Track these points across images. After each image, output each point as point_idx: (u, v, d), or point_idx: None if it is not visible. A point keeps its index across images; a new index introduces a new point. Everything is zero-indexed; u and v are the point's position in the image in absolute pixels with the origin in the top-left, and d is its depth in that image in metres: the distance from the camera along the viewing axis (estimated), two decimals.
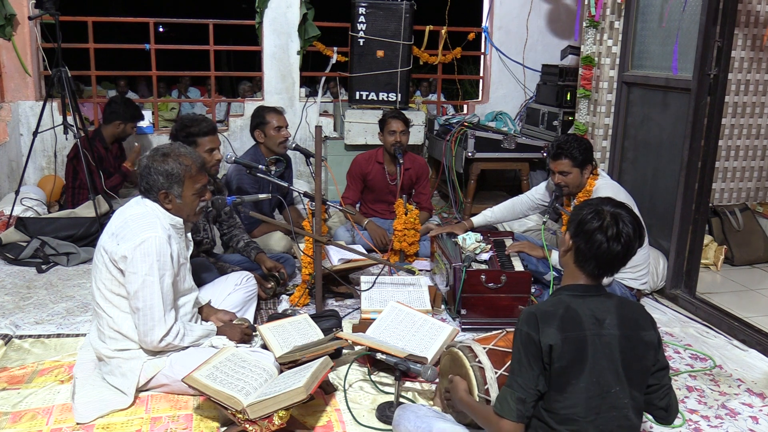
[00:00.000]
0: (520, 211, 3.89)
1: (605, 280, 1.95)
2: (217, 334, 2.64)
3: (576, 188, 3.46)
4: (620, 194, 3.41)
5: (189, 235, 2.67)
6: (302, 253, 3.38)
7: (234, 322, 2.77)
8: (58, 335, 3.03)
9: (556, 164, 3.40)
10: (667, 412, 1.90)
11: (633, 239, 1.84)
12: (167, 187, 2.47)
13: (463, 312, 3.21)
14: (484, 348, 2.19)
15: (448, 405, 2.23)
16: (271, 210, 4.24)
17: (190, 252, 2.68)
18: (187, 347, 2.51)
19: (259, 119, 4.03)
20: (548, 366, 1.78)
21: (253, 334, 2.85)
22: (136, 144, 4.87)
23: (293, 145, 3.87)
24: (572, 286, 1.89)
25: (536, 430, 1.85)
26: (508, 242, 3.72)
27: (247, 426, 2.13)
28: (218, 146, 3.31)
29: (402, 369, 2.41)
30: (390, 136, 4.25)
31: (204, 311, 2.78)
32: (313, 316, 2.94)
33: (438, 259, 3.64)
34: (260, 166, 3.50)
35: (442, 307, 3.43)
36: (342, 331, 2.89)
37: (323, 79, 6.12)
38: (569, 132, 4.72)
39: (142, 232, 2.37)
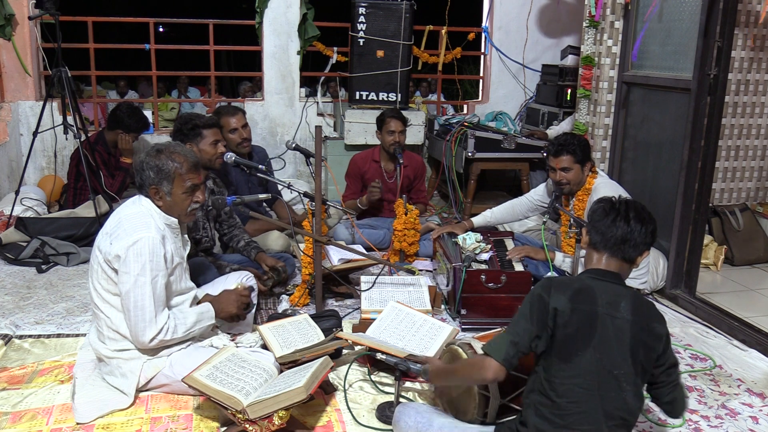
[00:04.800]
0: (520, 212, 3.91)
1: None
2: (213, 305, 2.61)
3: (576, 186, 3.46)
4: (618, 193, 3.41)
5: (185, 235, 2.67)
6: (302, 253, 3.38)
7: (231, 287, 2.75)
8: (58, 335, 3.03)
9: (557, 161, 3.41)
10: (672, 406, 1.95)
11: (639, 223, 1.93)
12: (157, 182, 2.46)
13: (463, 312, 3.21)
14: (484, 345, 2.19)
15: (437, 396, 2.25)
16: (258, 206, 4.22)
17: (187, 251, 2.67)
18: (186, 340, 2.50)
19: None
20: (552, 331, 1.83)
21: (252, 296, 2.83)
22: (122, 135, 4.58)
23: (293, 145, 3.87)
24: (592, 270, 1.97)
25: (535, 407, 1.87)
26: (508, 242, 3.72)
27: (247, 426, 2.13)
28: (221, 139, 3.40)
29: (402, 369, 2.41)
30: (389, 135, 4.27)
31: (201, 301, 2.76)
32: (313, 316, 2.94)
33: (440, 259, 3.64)
34: (261, 166, 3.50)
35: (442, 307, 3.43)
36: (342, 331, 2.88)
37: (322, 79, 6.12)
38: (567, 132, 4.73)
39: (135, 232, 2.37)
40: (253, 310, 3.07)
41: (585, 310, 1.84)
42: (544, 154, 3.67)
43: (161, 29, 14.26)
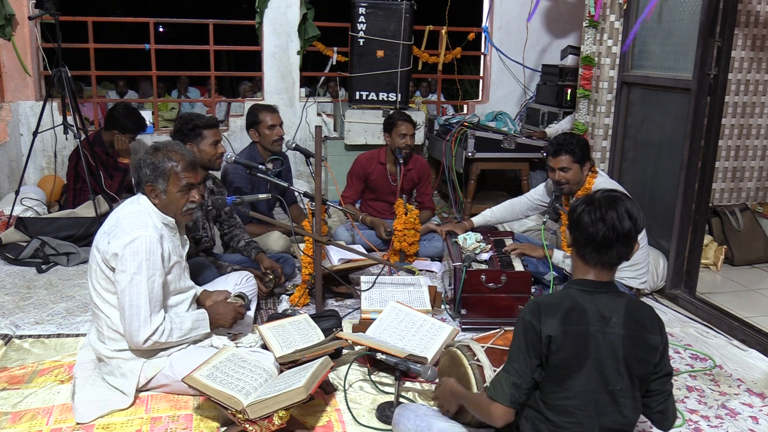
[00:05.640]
0: (520, 212, 3.91)
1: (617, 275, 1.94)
2: (209, 314, 2.61)
3: (576, 185, 3.46)
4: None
5: (184, 235, 2.66)
6: (302, 253, 3.38)
7: (228, 299, 2.75)
8: (58, 335, 3.03)
9: (556, 161, 3.41)
10: (663, 416, 1.91)
11: (618, 221, 1.80)
12: (153, 180, 2.46)
13: (463, 312, 3.21)
14: (483, 347, 2.19)
15: (441, 409, 2.20)
16: (268, 209, 4.25)
17: (186, 250, 2.67)
18: (182, 344, 2.50)
19: (253, 118, 4.06)
20: (546, 357, 1.79)
21: (251, 295, 2.85)
22: (118, 136, 4.58)
23: (293, 145, 3.87)
24: (581, 281, 1.89)
25: (532, 421, 1.87)
26: (509, 242, 3.72)
27: (247, 426, 2.13)
28: (221, 139, 3.39)
29: (402, 369, 2.41)
30: (400, 138, 4.23)
31: (200, 298, 2.76)
32: (313, 316, 2.94)
33: (447, 259, 3.64)
34: (260, 166, 3.50)
35: (443, 306, 3.43)
36: (342, 331, 2.89)
37: (322, 79, 6.12)
38: (566, 131, 4.73)
39: (133, 231, 2.37)
40: (253, 310, 3.08)
41: (577, 331, 1.78)
42: (544, 154, 3.67)
43: (161, 29, 14.25)
